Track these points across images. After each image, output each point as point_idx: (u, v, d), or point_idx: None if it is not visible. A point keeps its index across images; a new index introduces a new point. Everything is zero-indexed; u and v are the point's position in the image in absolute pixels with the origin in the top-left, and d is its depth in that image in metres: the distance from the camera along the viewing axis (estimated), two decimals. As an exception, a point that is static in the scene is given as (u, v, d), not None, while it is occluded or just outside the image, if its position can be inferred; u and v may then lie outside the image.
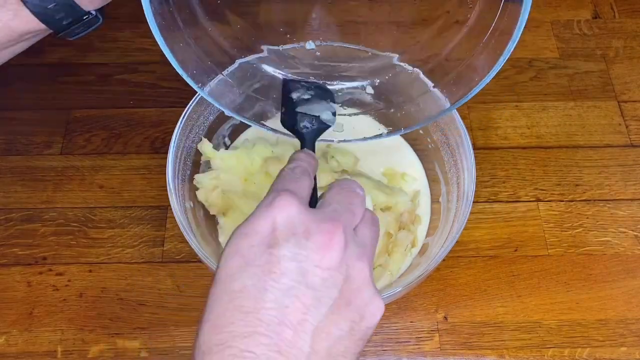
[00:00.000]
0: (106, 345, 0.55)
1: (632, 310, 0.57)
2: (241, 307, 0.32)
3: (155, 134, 0.67)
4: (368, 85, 0.57)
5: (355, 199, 0.38)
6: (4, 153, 0.65)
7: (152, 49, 0.72)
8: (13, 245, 0.60)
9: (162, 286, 0.58)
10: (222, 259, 0.34)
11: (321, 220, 0.35)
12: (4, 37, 0.45)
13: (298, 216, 0.34)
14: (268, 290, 0.32)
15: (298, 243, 0.33)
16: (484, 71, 0.46)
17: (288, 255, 0.33)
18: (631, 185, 0.64)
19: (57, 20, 0.44)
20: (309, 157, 0.42)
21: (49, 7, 0.43)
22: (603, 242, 0.61)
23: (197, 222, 0.55)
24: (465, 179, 0.53)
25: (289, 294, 0.32)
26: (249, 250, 0.34)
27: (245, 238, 0.34)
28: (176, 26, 0.46)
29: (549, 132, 0.68)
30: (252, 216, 0.35)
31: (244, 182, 0.57)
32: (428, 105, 0.52)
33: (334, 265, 0.34)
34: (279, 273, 0.33)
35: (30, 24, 0.44)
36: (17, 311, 0.57)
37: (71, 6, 0.44)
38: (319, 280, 0.33)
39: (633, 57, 0.73)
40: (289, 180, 0.38)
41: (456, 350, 0.56)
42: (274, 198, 0.35)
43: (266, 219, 0.34)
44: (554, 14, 0.77)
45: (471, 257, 0.60)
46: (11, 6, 0.43)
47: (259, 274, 0.33)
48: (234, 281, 0.33)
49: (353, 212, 0.37)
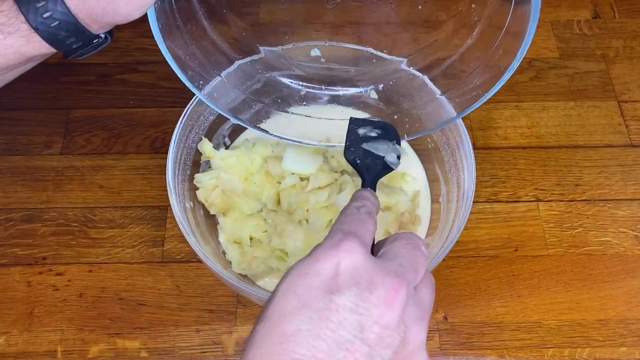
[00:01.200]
0: (106, 345, 0.55)
1: (632, 310, 0.57)
2: (292, 352, 0.31)
3: (155, 134, 0.67)
4: (372, 91, 0.56)
5: (421, 258, 0.36)
6: (4, 153, 0.65)
7: (152, 49, 0.72)
8: (13, 245, 0.60)
9: (162, 286, 0.58)
10: (276, 296, 0.33)
11: (386, 274, 0.33)
12: (15, 61, 0.46)
13: (363, 265, 0.33)
14: (322, 338, 0.31)
15: (360, 294, 0.32)
16: (494, 79, 0.45)
17: (348, 306, 0.31)
18: (631, 185, 0.64)
19: (67, 44, 0.45)
20: (374, 198, 0.40)
21: (61, 35, 0.43)
22: (603, 242, 0.61)
23: (197, 222, 0.55)
24: (465, 179, 0.53)
25: (343, 347, 0.31)
26: (307, 291, 0.32)
27: (305, 278, 0.33)
28: (176, 27, 0.46)
29: (549, 132, 0.68)
30: (314, 254, 0.33)
31: (244, 182, 0.58)
32: (434, 112, 0.52)
33: (393, 324, 0.32)
34: (336, 322, 0.31)
35: (41, 49, 0.45)
36: (17, 311, 0.57)
37: (82, 32, 0.44)
38: (375, 337, 0.32)
39: (633, 57, 0.73)
40: (355, 221, 0.36)
41: (456, 350, 0.56)
42: (341, 240, 0.33)
43: (331, 262, 0.33)
44: (554, 14, 0.77)
45: (471, 257, 0.60)
46: (23, 33, 0.43)
47: (316, 319, 0.31)
48: (288, 323, 0.31)
49: (417, 271, 0.35)
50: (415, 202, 0.60)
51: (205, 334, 0.56)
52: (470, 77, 0.48)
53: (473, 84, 0.48)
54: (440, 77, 0.51)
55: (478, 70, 0.47)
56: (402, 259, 0.35)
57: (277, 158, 0.58)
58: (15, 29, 0.43)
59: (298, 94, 0.58)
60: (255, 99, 0.56)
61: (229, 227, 0.57)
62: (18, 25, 0.43)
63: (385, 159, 0.49)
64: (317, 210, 0.54)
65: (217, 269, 0.49)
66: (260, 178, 0.57)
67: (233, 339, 0.56)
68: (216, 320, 0.56)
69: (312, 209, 0.54)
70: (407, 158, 0.63)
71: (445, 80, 0.51)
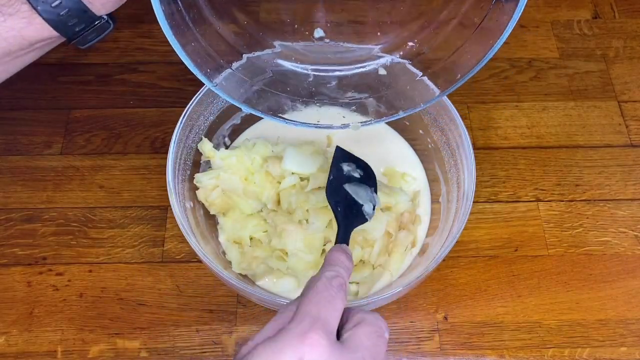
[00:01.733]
0: (106, 345, 0.55)
1: (632, 310, 0.57)
2: None
3: (155, 134, 0.67)
4: (380, 68, 0.56)
5: (383, 347, 0.37)
6: (4, 153, 0.65)
7: (152, 49, 0.72)
8: (13, 245, 0.60)
9: (162, 286, 0.58)
10: None
11: None
12: (16, 46, 0.45)
13: (327, 358, 0.34)
14: None
15: None
16: (474, 59, 0.45)
17: None
18: (631, 185, 0.64)
19: (69, 27, 0.44)
20: (349, 261, 0.41)
21: (62, 14, 0.43)
22: (603, 242, 0.61)
23: (197, 222, 0.55)
24: (465, 179, 0.53)
25: None
26: None
27: None
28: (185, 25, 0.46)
29: (549, 132, 0.68)
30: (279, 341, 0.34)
31: (244, 181, 0.58)
32: (418, 94, 0.52)
33: None
34: None
35: (42, 32, 0.44)
36: (17, 311, 0.57)
37: (84, 11, 0.44)
38: None
39: (633, 57, 0.73)
40: (324, 301, 0.36)
41: (456, 350, 0.56)
42: (307, 332, 0.34)
43: (294, 354, 0.33)
44: (554, 14, 0.77)
45: (471, 257, 0.60)
46: (24, 14, 0.43)
47: None
48: None
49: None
50: (415, 202, 0.60)
51: (205, 334, 0.56)
52: (454, 57, 0.48)
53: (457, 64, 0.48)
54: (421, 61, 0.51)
55: (462, 50, 0.47)
56: (365, 350, 0.36)
57: (277, 158, 0.58)
58: (15, 10, 0.43)
59: (307, 80, 0.57)
60: (266, 88, 0.55)
61: (229, 227, 0.57)
62: (19, 6, 0.43)
63: (363, 209, 0.51)
64: (317, 210, 0.54)
65: (217, 269, 0.49)
66: (261, 178, 0.57)
67: (233, 339, 0.56)
68: (216, 320, 0.56)
69: (312, 209, 0.54)
70: (407, 158, 0.63)
71: (426, 63, 0.51)
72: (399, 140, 0.64)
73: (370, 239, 0.54)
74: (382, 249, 0.55)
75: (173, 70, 0.70)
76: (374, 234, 0.54)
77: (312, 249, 0.54)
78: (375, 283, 0.55)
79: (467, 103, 0.69)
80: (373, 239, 0.54)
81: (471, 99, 0.70)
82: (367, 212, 0.51)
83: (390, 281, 0.55)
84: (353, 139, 0.63)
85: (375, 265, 0.55)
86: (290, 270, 0.54)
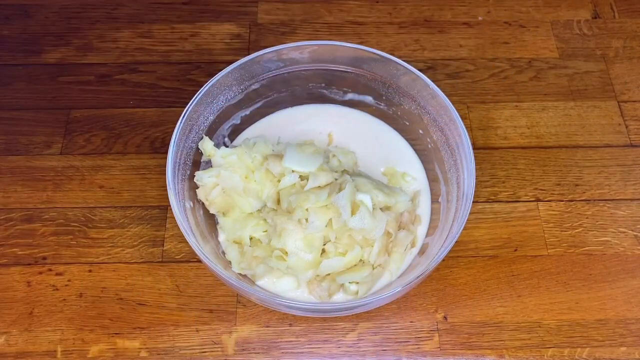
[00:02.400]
0: (106, 345, 0.55)
1: (631, 310, 0.57)
2: None
3: (155, 134, 0.67)
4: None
5: None
6: (4, 153, 0.65)
7: (152, 49, 0.72)
8: (13, 245, 0.60)
9: (162, 286, 0.58)
10: None
11: None
12: None
13: None
14: None
15: None
16: None
17: None
18: (631, 185, 0.64)
19: None
20: None
21: None
22: (603, 242, 0.61)
23: (197, 222, 0.55)
24: (465, 179, 0.53)
25: None
26: None
27: None
28: None
29: (549, 132, 0.68)
30: None
31: (245, 180, 0.58)
32: None
33: None
34: None
35: None
36: (17, 311, 0.57)
37: None
38: None
39: (633, 57, 0.73)
40: None
41: (456, 350, 0.56)
42: None
43: None
44: (554, 14, 0.77)
45: (471, 257, 0.60)
46: None
47: None
48: None
49: None
50: (415, 202, 0.60)
51: (205, 333, 0.56)
52: None
53: None
54: None
55: None
56: None
57: (277, 156, 0.58)
58: None
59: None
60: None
61: (229, 227, 0.57)
62: None
63: None
64: (316, 209, 0.54)
65: (216, 269, 0.49)
66: (261, 176, 0.57)
67: (233, 338, 0.56)
68: (216, 320, 0.56)
69: (312, 208, 0.54)
70: (407, 158, 0.63)
71: None
72: (399, 140, 0.64)
73: (370, 239, 0.54)
74: (381, 248, 0.55)
75: (173, 70, 0.70)
76: (374, 234, 0.54)
77: (312, 248, 0.54)
78: (375, 283, 0.55)
79: (467, 103, 0.69)
80: (373, 239, 0.54)
81: (471, 99, 0.70)
82: None
83: (390, 281, 0.55)
84: (353, 139, 0.63)
85: (375, 265, 0.55)
86: (290, 270, 0.54)
